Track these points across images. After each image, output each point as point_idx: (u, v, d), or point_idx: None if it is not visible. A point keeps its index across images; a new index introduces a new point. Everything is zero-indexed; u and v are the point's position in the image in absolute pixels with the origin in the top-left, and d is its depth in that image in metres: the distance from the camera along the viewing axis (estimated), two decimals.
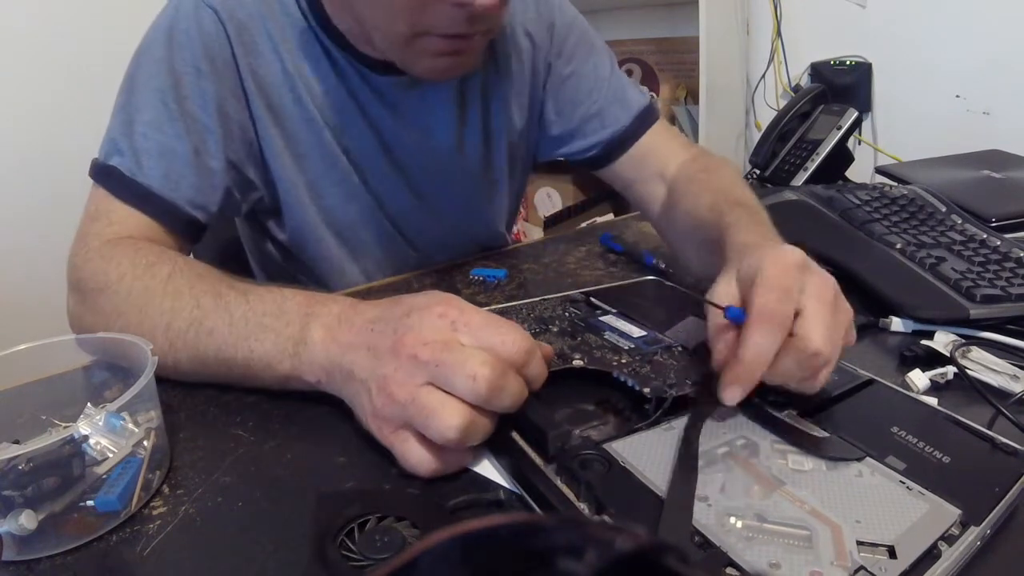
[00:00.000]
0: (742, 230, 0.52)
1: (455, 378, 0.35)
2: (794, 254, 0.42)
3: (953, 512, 0.32)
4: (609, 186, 0.82)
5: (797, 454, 0.36)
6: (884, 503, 0.32)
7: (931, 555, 0.29)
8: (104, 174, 0.59)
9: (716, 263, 0.50)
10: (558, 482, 0.35)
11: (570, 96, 0.78)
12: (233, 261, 0.87)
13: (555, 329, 0.50)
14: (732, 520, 0.31)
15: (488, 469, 0.39)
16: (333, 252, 0.75)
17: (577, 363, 0.44)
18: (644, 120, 0.77)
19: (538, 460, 0.36)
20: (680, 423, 0.39)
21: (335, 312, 0.42)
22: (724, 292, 0.44)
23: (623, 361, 0.45)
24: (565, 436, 0.37)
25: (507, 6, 0.56)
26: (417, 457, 0.37)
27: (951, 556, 0.29)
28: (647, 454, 0.36)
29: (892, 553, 0.29)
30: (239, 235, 0.85)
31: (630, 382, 0.41)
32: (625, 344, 0.47)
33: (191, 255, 0.64)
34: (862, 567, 0.28)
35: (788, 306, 0.38)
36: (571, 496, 0.34)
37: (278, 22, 0.64)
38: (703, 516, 0.32)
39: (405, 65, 0.62)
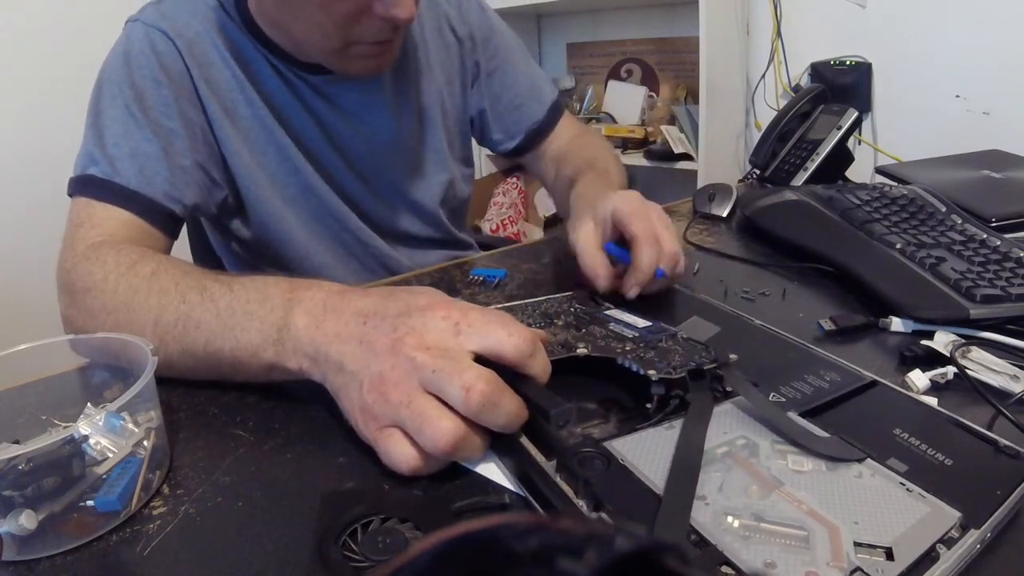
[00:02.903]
0: (586, 187, 0.70)
1: (448, 386, 0.35)
2: (633, 195, 0.60)
3: (953, 515, 0.32)
4: None
5: (797, 454, 0.36)
6: (883, 505, 0.32)
7: (929, 557, 0.29)
8: (82, 183, 0.62)
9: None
10: (558, 479, 0.35)
11: (496, 91, 0.89)
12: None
13: (560, 323, 0.50)
14: (729, 519, 0.31)
15: (494, 472, 0.39)
16: (299, 242, 0.79)
17: (581, 351, 0.44)
18: (555, 112, 0.91)
19: (539, 457, 0.36)
20: (681, 423, 0.39)
21: (319, 299, 0.42)
22: (587, 232, 0.60)
23: (627, 348, 0.44)
24: (568, 413, 0.36)
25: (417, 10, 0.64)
26: (401, 454, 0.36)
27: (950, 559, 0.29)
28: (647, 453, 0.36)
29: (889, 555, 0.29)
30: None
31: (634, 367, 0.41)
32: (630, 333, 0.47)
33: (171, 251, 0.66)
34: (859, 568, 0.28)
35: (654, 227, 0.56)
36: (570, 493, 0.34)
37: (222, 36, 0.70)
38: (700, 514, 0.32)
39: (337, 69, 0.71)
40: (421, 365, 0.36)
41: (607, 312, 0.53)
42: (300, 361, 0.41)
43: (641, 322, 0.50)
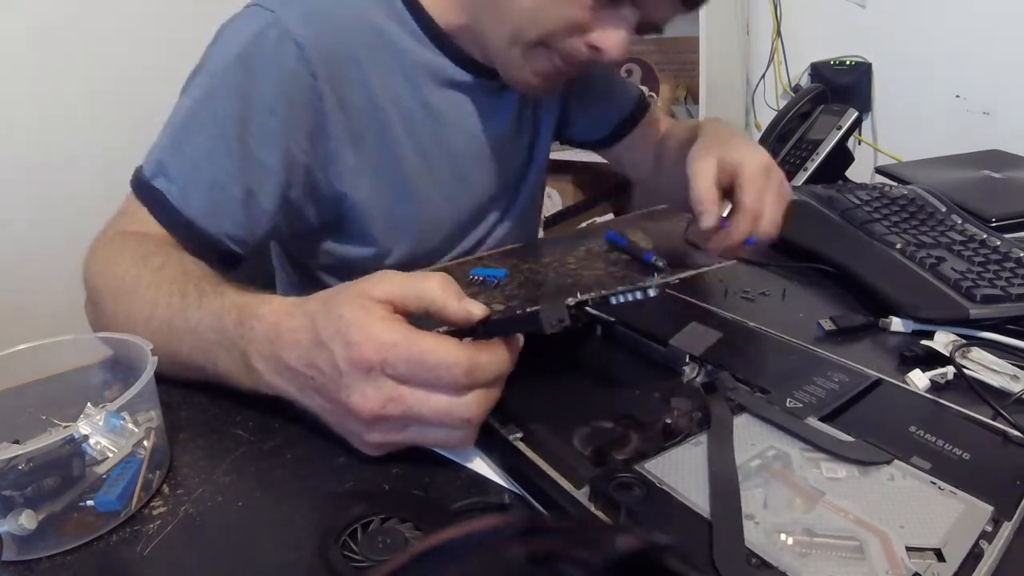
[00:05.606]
0: (714, 126, 0.68)
1: (452, 437, 0.37)
2: (765, 157, 0.60)
3: (986, 509, 0.32)
4: (609, 186, 0.90)
5: (829, 461, 0.36)
6: (922, 505, 0.33)
7: (973, 554, 0.30)
8: (147, 192, 0.57)
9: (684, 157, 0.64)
10: (593, 509, 0.34)
11: (585, 90, 0.87)
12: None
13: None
14: (783, 537, 0.31)
15: (492, 470, 0.39)
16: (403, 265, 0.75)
17: (571, 300, 0.41)
18: (640, 106, 0.91)
19: (567, 485, 0.35)
20: (705, 437, 0.38)
21: (263, 335, 0.40)
22: (707, 167, 0.59)
23: (618, 288, 0.41)
24: (559, 309, 0.34)
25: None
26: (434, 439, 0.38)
27: (992, 553, 0.30)
28: (682, 473, 0.36)
29: (940, 556, 0.30)
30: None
31: (628, 296, 0.38)
32: (619, 284, 0.46)
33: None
34: (917, 573, 0.29)
35: (762, 202, 0.58)
36: (609, 523, 0.33)
37: (368, 46, 0.64)
38: (753, 535, 0.31)
39: (506, 68, 0.66)
40: (398, 417, 0.36)
41: None
42: (279, 394, 0.41)
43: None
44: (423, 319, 0.37)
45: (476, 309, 0.37)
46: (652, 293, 0.38)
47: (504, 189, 0.82)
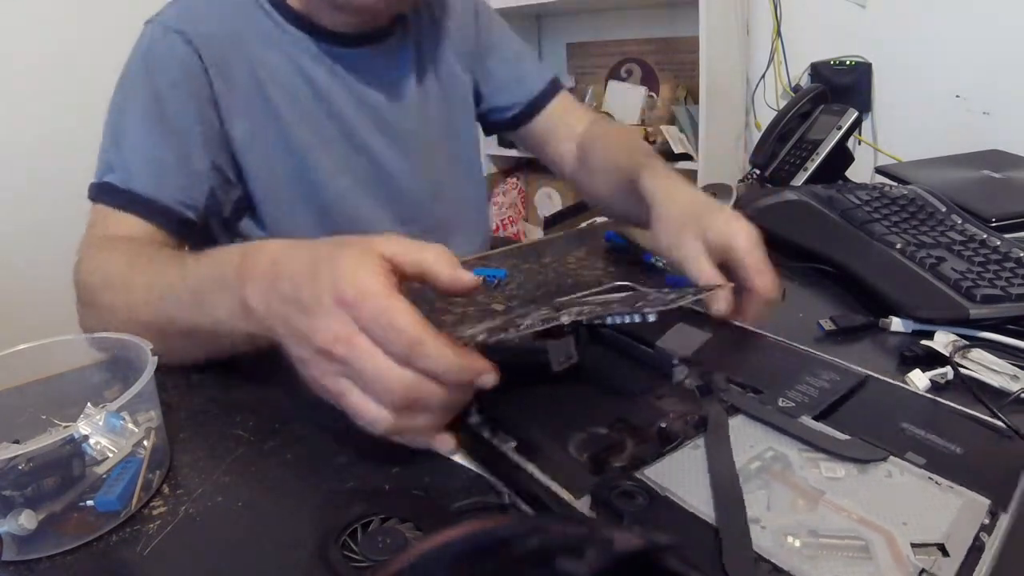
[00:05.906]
0: (671, 186, 0.62)
1: (371, 413, 0.36)
2: (744, 222, 0.54)
3: (984, 502, 0.32)
4: None
5: (827, 461, 0.36)
6: (921, 501, 0.33)
7: (975, 547, 0.30)
8: (100, 190, 0.64)
9: (636, 203, 0.63)
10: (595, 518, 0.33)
11: (494, 62, 0.90)
12: None
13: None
14: (789, 539, 0.31)
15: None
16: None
17: (565, 319, 0.39)
18: (554, 87, 0.91)
19: (566, 495, 0.35)
20: (703, 441, 0.38)
21: (263, 271, 0.41)
22: (700, 253, 0.53)
23: (614, 308, 0.41)
24: (567, 345, 0.34)
25: None
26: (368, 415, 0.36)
27: (992, 545, 0.30)
28: (683, 478, 0.35)
29: (944, 551, 0.30)
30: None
31: (627, 319, 0.38)
32: (614, 299, 0.46)
33: None
34: (923, 570, 0.29)
35: (764, 260, 0.52)
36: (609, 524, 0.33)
37: (242, 31, 0.70)
38: (760, 539, 0.31)
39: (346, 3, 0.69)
40: (339, 357, 0.35)
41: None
42: (270, 332, 0.40)
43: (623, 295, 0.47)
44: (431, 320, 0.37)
45: (467, 277, 0.39)
46: (651, 319, 0.38)
47: (417, 162, 0.82)
